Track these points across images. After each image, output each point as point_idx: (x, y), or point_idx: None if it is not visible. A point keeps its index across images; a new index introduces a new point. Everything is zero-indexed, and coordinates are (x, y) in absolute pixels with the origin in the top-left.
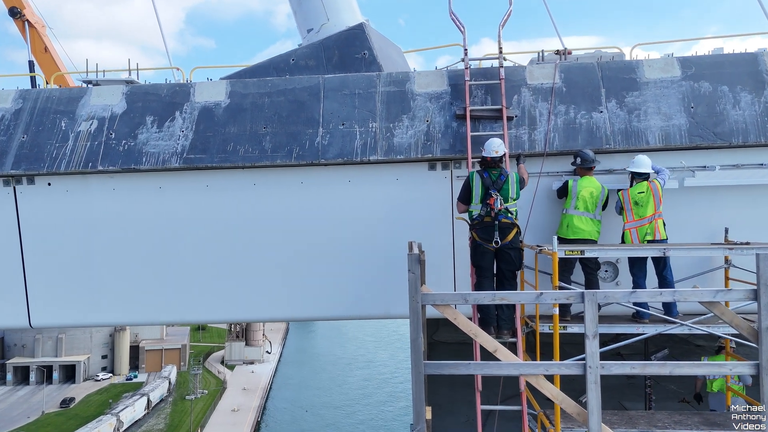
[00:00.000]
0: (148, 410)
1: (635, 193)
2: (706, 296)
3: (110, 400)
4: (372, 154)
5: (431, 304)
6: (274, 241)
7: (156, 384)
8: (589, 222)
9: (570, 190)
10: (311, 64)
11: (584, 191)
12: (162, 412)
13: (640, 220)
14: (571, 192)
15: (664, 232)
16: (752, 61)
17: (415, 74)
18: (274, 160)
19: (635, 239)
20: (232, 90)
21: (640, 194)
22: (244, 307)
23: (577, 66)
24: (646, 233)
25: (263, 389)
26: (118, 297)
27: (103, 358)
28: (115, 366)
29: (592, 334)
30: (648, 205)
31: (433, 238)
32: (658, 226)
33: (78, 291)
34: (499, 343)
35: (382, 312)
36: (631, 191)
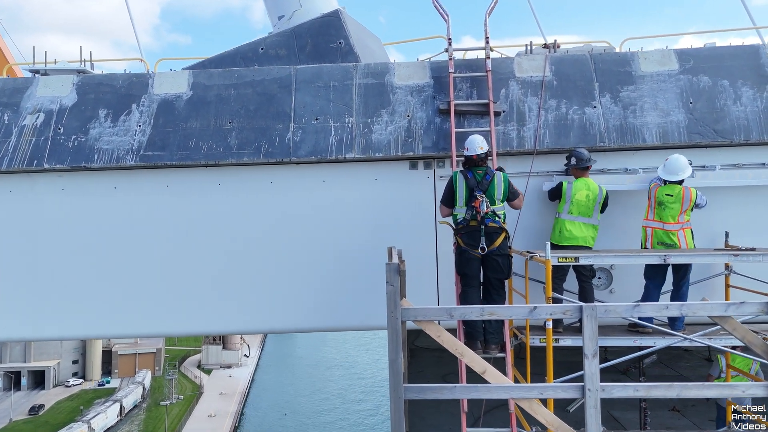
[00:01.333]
0: (121, 417)
1: (662, 194)
2: (717, 310)
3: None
4: (348, 151)
5: (412, 320)
6: (242, 247)
7: (129, 390)
8: (584, 227)
9: (564, 193)
10: (282, 54)
11: (579, 194)
12: (136, 419)
13: (659, 221)
14: (566, 195)
15: (692, 242)
16: (754, 54)
17: (396, 66)
18: (240, 157)
19: (649, 239)
20: (194, 81)
21: (668, 196)
22: (208, 319)
23: (568, 58)
24: (660, 238)
25: (241, 394)
26: (67, 308)
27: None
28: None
29: (591, 353)
30: (670, 211)
31: (415, 244)
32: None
33: (22, 301)
34: (489, 364)
35: (359, 323)
36: (660, 190)
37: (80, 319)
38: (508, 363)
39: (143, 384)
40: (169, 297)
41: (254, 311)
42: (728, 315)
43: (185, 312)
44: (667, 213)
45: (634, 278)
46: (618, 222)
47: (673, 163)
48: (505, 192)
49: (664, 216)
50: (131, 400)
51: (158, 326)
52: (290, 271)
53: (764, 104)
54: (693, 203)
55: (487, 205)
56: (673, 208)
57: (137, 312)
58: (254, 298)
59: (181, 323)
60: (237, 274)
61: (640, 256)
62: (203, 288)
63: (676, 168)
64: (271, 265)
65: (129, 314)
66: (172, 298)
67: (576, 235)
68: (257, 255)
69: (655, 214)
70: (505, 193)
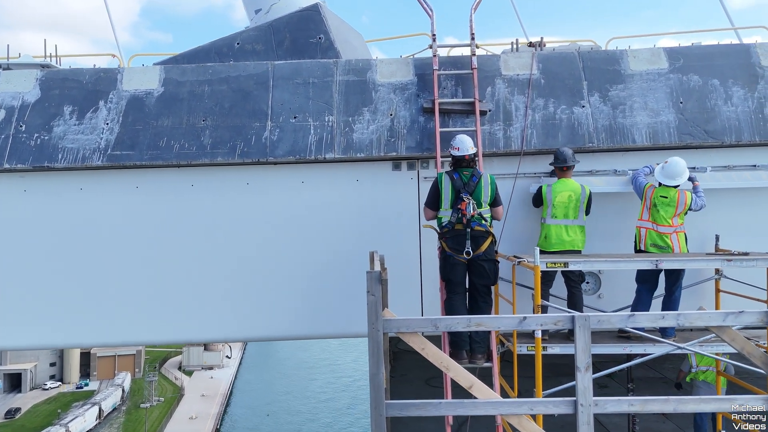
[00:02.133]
0: (99, 420)
1: (658, 195)
2: (715, 320)
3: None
4: (328, 151)
5: (395, 333)
6: (216, 251)
7: (108, 392)
8: (571, 230)
9: (544, 198)
10: (259, 49)
11: (560, 196)
12: (115, 422)
13: (653, 223)
14: (546, 199)
15: (685, 246)
16: (744, 53)
17: (378, 62)
18: (214, 157)
19: (643, 240)
20: (166, 77)
21: (662, 198)
22: (180, 328)
23: (556, 56)
24: (654, 240)
25: (223, 395)
26: (29, 315)
27: (52, 366)
28: (64, 374)
29: (584, 366)
30: (665, 212)
31: (398, 248)
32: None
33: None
34: (476, 378)
35: (341, 330)
36: (656, 191)
37: (43, 328)
38: (494, 373)
39: (123, 386)
40: (139, 304)
41: (229, 319)
42: (726, 325)
43: (156, 320)
44: (660, 215)
45: (623, 282)
46: (607, 225)
47: (672, 167)
48: (492, 195)
49: (657, 218)
50: (110, 402)
51: (126, 335)
52: (267, 276)
53: (755, 104)
54: (687, 207)
55: (474, 208)
56: (667, 210)
57: (105, 320)
58: (229, 305)
59: (150, 332)
60: (211, 280)
61: (632, 261)
62: (175, 295)
63: (674, 173)
64: (247, 270)
65: (96, 323)
66: (142, 306)
67: (564, 239)
68: (232, 260)
69: (649, 215)
70: (492, 196)
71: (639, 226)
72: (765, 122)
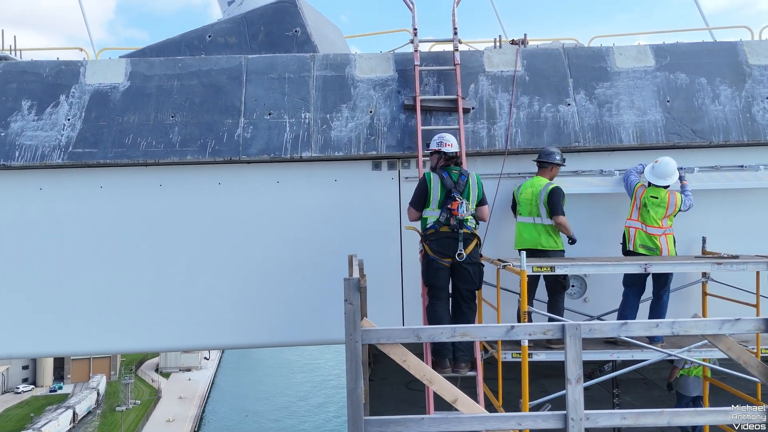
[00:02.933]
0: (74, 424)
1: (648, 195)
2: (711, 328)
3: (32, 414)
4: (305, 150)
5: (375, 343)
6: (186, 255)
7: (83, 395)
8: (532, 228)
9: (515, 195)
10: (232, 42)
11: (525, 194)
12: (89, 426)
13: (642, 223)
14: (516, 198)
15: (673, 249)
16: (731, 51)
17: (357, 57)
18: (184, 155)
19: (632, 240)
20: (133, 70)
21: (653, 198)
22: (144, 336)
23: (541, 52)
24: (644, 241)
25: (201, 397)
26: None
27: (24, 369)
28: (37, 377)
29: (575, 378)
30: (654, 213)
31: (378, 251)
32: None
33: None
34: (460, 392)
35: (317, 337)
36: (646, 191)
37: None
38: (479, 383)
39: (98, 389)
40: (104, 312)
41: (200, 327)
42: (723, 333)
43: (121, 328)
44: (650, 215)
45: (609, 285)
46: (593, 227)
47: (662, 167)
48: (479, 195)
49: (647, 218)
50: (85, 406)
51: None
52: (240, 282)
53: (743, 104)
54: (678, 209)
55: (467, 208)
56: (657, 211)
57: (66, 329)
58: (199, 312)
59: (112, 341)
60: (179, 286)
61: (621, 265)
62: (142, 302)
63: (665, 173)
64: (218, 275)
65: (56, 331)
66: (106, 314)
67: (525, 237)
68: (203, 264)
69: (639, 215)
70: (479, 197)
71: (628, 226)
72: (753, 122)
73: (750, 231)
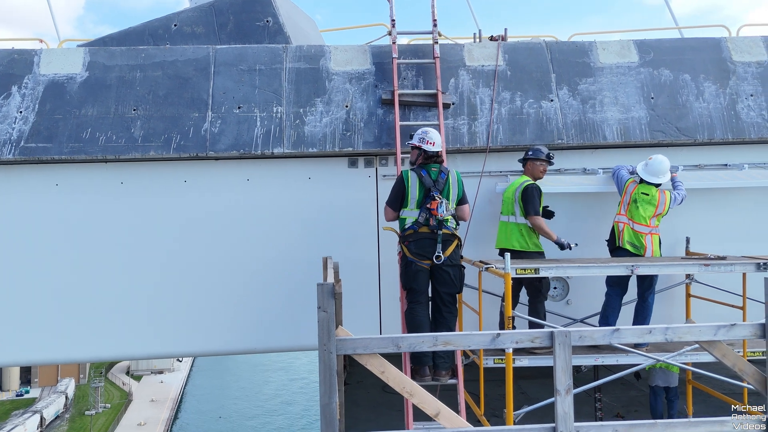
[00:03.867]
0: (41, 429)
1: (639, 192)
2: (705, 334)
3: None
4: (277, 145)
5: (351, 354)
6: (150, 257)
7: (51, 399)
8: (506, 227)
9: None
10: (199, 32)
11: (507, 191)
12: (58, 430)
13: (630, 220)
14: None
15: (658, 251)
16: (715, 47)
17: (332, 49)
18: (146, 151)
19: (621, 236)
20: (92, 60)
21: (643, 195)
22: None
23: (523, 46)
24: (630, 237)
25: (173, 400)
26: None
27: None
28: (2, 381)
29: (564, 389)
30: (643, 211)
31: (355, 253)
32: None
33: None
34: (443, 405)
35: (291, 343)
36: (638, 188)
37: None
38: (460, 391)
39: (66, 393)
40: (61, 319)
41: (163, 333)
42: (717, 339)
43: (77, 336)
44: (638, 212)
45: (592, 287)
46: (575, 228)
47: (656, 165)
48: (459, 194)
49: (635, 215)
50: (53, 410)
51: (41, 353)
52: (208, 285)
53: (727, 101)
54: (666, 210)
55: (447, 208)
56: (647, 209)
57: (20, 335)
58: (164, 317)
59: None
60: (142, 290)
61: (606, 267)
62: (103, 308)
63: (658, 170)
64: (184, 278)
65: (9, 338)
66: (63, 321)
67: (500, 236)
68: (168, 267)
69: (627, 210)
70: (459, 195)
71: (617, 221)
72: (737, 120)
73: (734, 231)
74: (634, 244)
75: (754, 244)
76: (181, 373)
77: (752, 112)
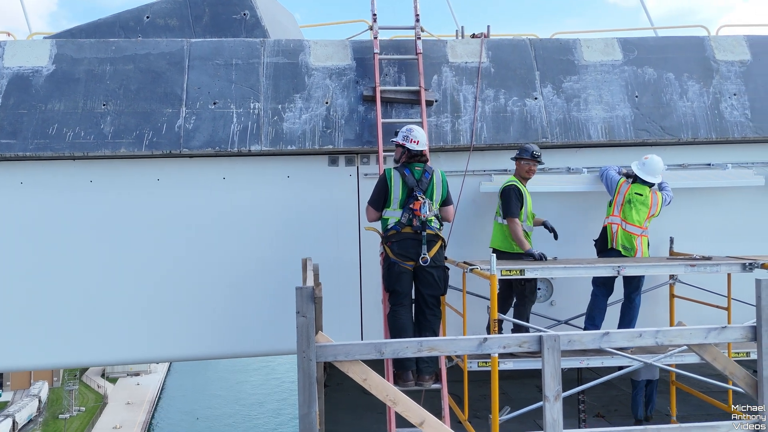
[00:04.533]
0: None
1: (633, 192)
2: (696, 337)
3: None
4: (254, 143)
5: (332, 361)
6: (121, 259)
7: (23, 403)
8: (495, 227)
9: None
10: (173, 24)
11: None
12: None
13: (623, 220)
14: None
15: (647, 252)
16: (699, 46)
17: (312, 44)
18: (117, 148)
19: (615, 238)
20: (59, 53)
21: (638, 195)
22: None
23: (507, 43)
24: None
25: (150, 402)
26: None
27: None
28: None
29: (553, 395)
30: (637, 212)
31: (335, 254)
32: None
33: None
34: (427, 413)
35: (269, 348)
36: (632, 188)
37: None
38: (444, 396)
39: (39, 396)
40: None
41: (136, 338)
42: (708, 342)
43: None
44: (632, 213)
45: (576, 288)
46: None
47: (654, 164)
48: (443, 194)
49: (628, 216)
50: (25, 414)
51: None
52: (183, 288)
53: (711, 100)
54: (659, 211)
55: (430, 208)
56: (640, 210)
57: None
58: (137, 321)
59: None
60: (113, 293)
61: (592, 268)
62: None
63: (656, 170)
64: (158, 282)
65: None
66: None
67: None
68: (140, 269)
69: (621, 211)
70: (443, 196)
71: (610, 223)
72: (721, 119)
73: (717, 231)
74: (626, 246)
75: (738, 244)
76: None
77: (735, 112)
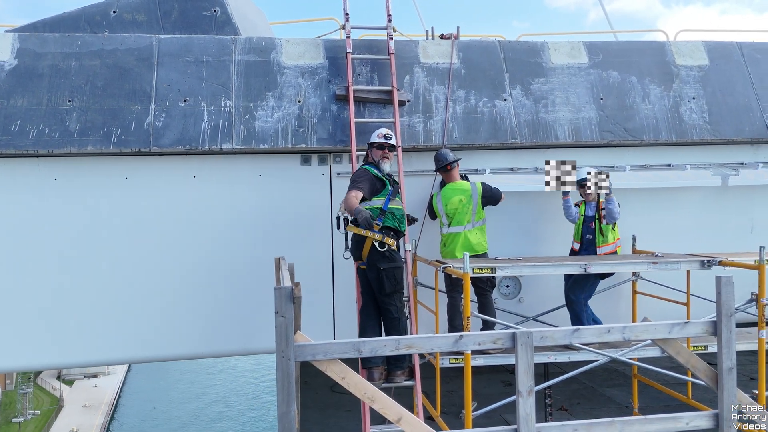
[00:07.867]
0: None
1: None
2: (660, 332)
3: None
4: (225, 141)
5: (310, 360)
6: (87, 259)
7: None
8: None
9: (435, 208)
10: (141, 20)
11: (450, 203)
12: None
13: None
14: (437, 210)
15: None
16: (659, 51)
17: (284, 42)
18: (84, 146)
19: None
20: (21, 47)
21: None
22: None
23: (477, 44)
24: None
25: (109, 404)
26: None
27: None
28: None
29: (526, 390)
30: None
31: (308, 253)
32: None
33: None
34: (405, 410)
35: (241, 347)
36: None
37: None
38: (417, 393)
39: None
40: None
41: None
42: (672, 337)
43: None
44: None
45: (544, 285)
46: (530, 227)
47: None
48: None
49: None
50: None
51: None
52: (153, 288)
53: (671, 103)
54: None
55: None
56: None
57: None
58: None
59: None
60: (81, 293)
61: (560, 266)
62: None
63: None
64: (126, 281)
65: None
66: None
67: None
68: (108, 269)
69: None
70: None
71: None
72: (681, 122)
73: (677, 229)
74: None
75: (696, 243)
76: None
77: (694, 114)
